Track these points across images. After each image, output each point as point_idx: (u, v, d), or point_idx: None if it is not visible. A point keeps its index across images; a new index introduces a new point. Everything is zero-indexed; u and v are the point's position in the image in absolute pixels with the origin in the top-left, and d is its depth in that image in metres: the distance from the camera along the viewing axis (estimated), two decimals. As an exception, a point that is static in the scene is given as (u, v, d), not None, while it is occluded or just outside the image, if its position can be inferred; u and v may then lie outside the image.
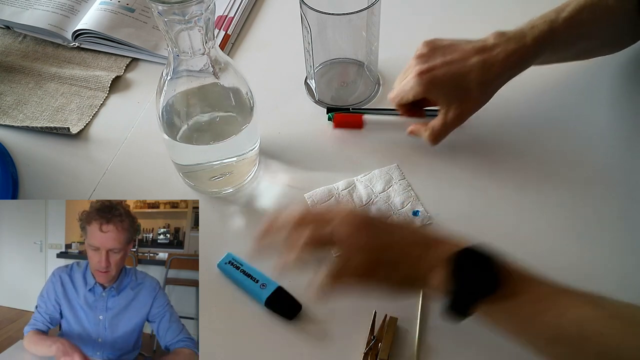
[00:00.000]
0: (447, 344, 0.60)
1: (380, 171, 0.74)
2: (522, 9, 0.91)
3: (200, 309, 0.62)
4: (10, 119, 0.83)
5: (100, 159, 0.78)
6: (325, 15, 0.70)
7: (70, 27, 0.91)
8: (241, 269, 0.65)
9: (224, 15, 0.92)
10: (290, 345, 0.61)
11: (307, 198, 0.72)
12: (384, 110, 0.79)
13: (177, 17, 0.56)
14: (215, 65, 0.63)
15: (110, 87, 0.86)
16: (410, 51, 0.71)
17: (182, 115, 0.68)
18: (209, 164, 0.70)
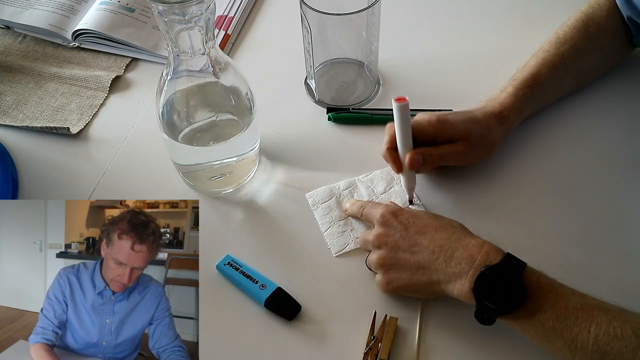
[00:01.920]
0: (447, 344, 0.60)
1: (381, 172, 0.74)
2: (522, 8, 0.92)
3: (200, 309, 0.62)
4: (10, 119, 0.83)
5: (100, 159, 0.78)
6: (325, 15, 0.70)
7: (70, 27, 0.91)
8: (240, 270, 0.65)
9: (224, 15, 0.92)
10: (290, 346, 0.61)
11: (308, 197, 0.72)
12: (385, 110, 0.79)
13: (177, 17, 0.56)
14: (215, 65, 0.63)
15: (110, 87, 0.86)
16: (411, 51, 0.70)
17: (182, 116, 0.68)
18: (209, 164, 0.70)
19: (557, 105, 0.78)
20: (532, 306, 0.52)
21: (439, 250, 0.57)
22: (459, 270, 0.55)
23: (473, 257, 0.55)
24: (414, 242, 0.59)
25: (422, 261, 0.58)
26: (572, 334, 0.51)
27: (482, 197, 0.71)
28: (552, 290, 0.53)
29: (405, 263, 0.59)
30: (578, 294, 0.53)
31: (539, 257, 0.57)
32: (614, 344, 0.49)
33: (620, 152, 0.73)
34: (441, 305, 0.62)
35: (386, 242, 0.60)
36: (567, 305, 0.52)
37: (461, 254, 0.56)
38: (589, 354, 0.50)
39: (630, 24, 0.74)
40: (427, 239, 0.58)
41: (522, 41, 0.78)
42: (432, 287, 0.58)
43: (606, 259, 0.64)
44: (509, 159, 0.74)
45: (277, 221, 0.70)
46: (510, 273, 0.53)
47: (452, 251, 0.57)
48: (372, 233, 0.62)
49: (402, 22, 0.90)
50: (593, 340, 0.50)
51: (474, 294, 0.54)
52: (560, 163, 0.73)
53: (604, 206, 0.69)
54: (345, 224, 0.69)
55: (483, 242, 0.57)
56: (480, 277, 0.54)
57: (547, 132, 0.76)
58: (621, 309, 0.51)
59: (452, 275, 0.56)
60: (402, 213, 0.62)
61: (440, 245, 0.57)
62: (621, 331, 0.49)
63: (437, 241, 0.58)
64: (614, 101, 0.78)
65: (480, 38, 0.88)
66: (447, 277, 0.56)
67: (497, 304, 0.53)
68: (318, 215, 0.70)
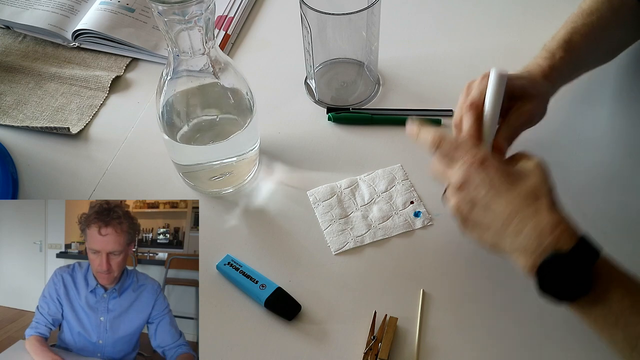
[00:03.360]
0: (447, 344, 0.60)
1: (383, 171, 0.74)
2: (522, 8, 0.92)
3: (200, 309, 0.62)
4: (10, 119, 0.83)
5: (100, 159, 0.78)
6: (325, 15, 0.70)
7: (70, 27, 0.91)
8: (240, 270, 0.65)
9: (224, 15, 0.92)
10: (290, 346, 0.61)
11: (309, 195, 0.72)
12: (387, 110, 0.79)
13: (177, 17, 0.56)
14: (215, 65, 0.63)
15: (110, 87, 0.86)
16: (411, 51, 0.70)
17: (182, 115, 0.68)
18: (209, 164, 0.70)
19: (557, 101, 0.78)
20: (597, 297, 0.50)
21: (512, 217, 0.54)
22: (526, 245, 0.53)
23: (544, 236, 0.52)
24: (492, 201, 0.56)
25: (493, 225, 0.56)
26: (636, 331, 0.49)
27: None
28: (622, 284, 0.51)
29: (478, 220, 0.57)
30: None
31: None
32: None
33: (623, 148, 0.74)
34: (441, 305, 0.62)
35: (467, 192, 0.57)
36: (633, 304, 0.50)
37: (532, 229, 0.53)
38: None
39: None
40: (503, 203, 0.55)
41: (523, 41, 0.78)
42: (497, 248, 0.56)
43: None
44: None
45: (277, 221, 0.70)
46: (579, 263, 0.51)
47: (524, 223, 0.54)
48: (455, 174, 0.59)
49: (402, 22, 0.90)
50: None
51: (536, 277, 0.52)
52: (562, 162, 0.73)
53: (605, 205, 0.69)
54: (346, 222, 0.69)
55: (560, 220, 0.53)
56: (546, 263, 0.52)
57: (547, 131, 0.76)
58: None
59: (519, 248, 0.54)
60: (489, 166, 0.58)
61: (516, 211, 0.54)
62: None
63: (515, 206, 0.55)
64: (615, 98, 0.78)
65: (480, 38, 0.88)
66: (514, 248, 0.54)
67: (557, 293, 0.52)
68: (319, 213, 0.70)
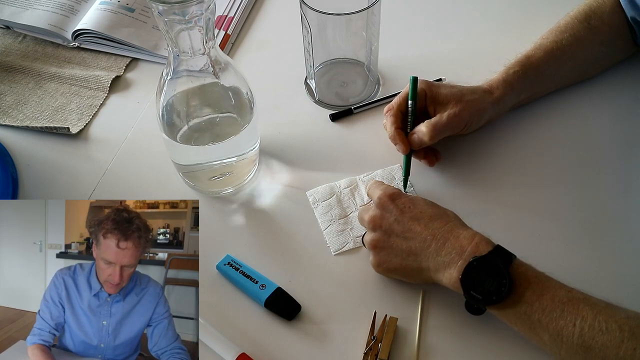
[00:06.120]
0: (447, 344, 0.60)
1: (382, 171, 0.74)
2: (522, 8, 0.92)
3: (200, 309, 0.62)
4: (10, 119, 0.83)
5: (100, 159, 0.78)
6: (325, 15, 0.70)
7: (70, 27, 0.91)
8: (240, 270, 0.65)
9: (224, 15, 0.92)
10: (290, 346, 0.61)
11: (308, 195, 0.72)
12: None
13: (177, 17, 0.56)
14: (215, 65, 0.63)
15: (110, 87, 0.86)
16: (411, 51, 0.71)
17: (182, 115, 0.68)
18: (208, 164, 0.70)
19: (559, 97, 0.78)
20: (518, 298, 0.53)
21: (431, 238, 0.58)
22: (449, 259, 0.56)
23: (463, 247, 0.56)
24: (407, 227, 0.60)
25: (414, 248, 0.59)
26: (558, 327, 0.51)
27: (477, 188, 0.71)
28: (539, 282, 0.54)
29: (397, 247, 0.60)
30: (565, 288, 0.53)
31: (532, 249, 0.58)
32: (598, 338, 0.49)
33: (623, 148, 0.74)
34: (441, 305, 0.62)
35: (381, 224, 0.61)
36: (553, 299, 0.52)
37: (452, 244, 0.57)
38: (574, 348, 0.50)
39: (634, 24, 0.74)
40: (420, 226, 0.59)
41: (523, 41, 0.78)
42: (421, 273, 0.59)
43: (601, 254, 0.65)
44: (505, 148, 0.74)
45: (277, 221, 0.70)
46: (498, 264, 0.54)
47: (443, 240, 0.57)
48: (369, 213, 0.63)
49: (402, 22, 0.90)
50: (578, 333, 0.50)
51: (462, 283, 0.55)
52: (560, 155, 0.73)
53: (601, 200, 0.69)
54: (345, 222, 0.69)
55: (474, 233, 0.58)
56: (468, 267, 0.55)
57: (547, 123, 0.76)
58: (607, 304, 0.52)
59: (442, 264, 0.57)
60: (399, 197, 0.62)
61: (433, 233, 0.58)
62: (606, 325, 0.49)
63: (431, 229, 0.58)
64: (618, 96, 0.78)
65: (480, 38, 0.88)
66: (437, 266, 0.57)
67: (483, 295, 0.54)
68: (318, 213, 0.70)
